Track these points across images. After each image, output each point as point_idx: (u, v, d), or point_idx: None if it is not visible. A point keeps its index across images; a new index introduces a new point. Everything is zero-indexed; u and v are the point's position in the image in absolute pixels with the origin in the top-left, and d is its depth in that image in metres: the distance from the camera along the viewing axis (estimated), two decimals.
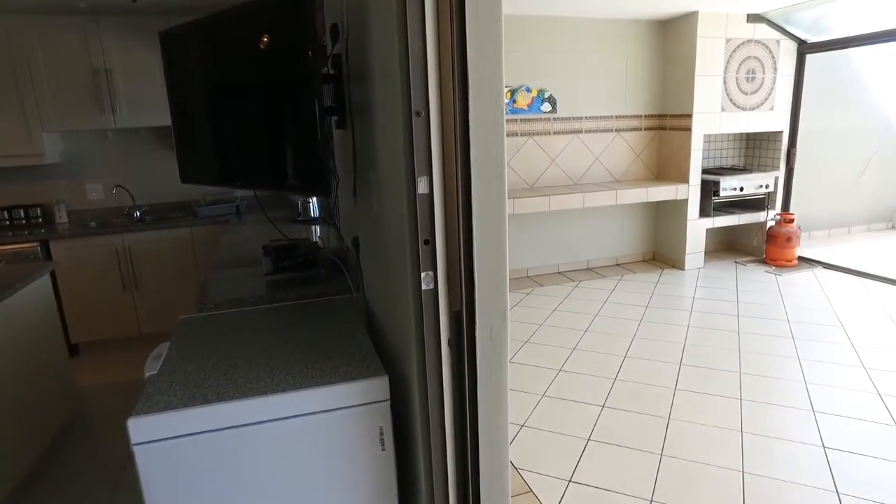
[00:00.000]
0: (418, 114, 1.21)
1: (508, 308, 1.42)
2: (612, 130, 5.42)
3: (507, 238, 1.37)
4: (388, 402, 1.50)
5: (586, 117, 5.29)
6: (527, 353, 3.75)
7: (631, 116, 5.48)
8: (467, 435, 1.44)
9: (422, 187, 1.25)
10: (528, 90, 4.99)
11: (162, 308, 4.08)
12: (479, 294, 1.35)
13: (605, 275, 5.42)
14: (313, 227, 3.68)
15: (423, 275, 1.29)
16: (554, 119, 5.17)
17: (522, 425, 2.90)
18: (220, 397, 1.37)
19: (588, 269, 5.62)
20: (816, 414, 2.93)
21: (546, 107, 5.10)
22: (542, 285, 5.15)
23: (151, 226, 4.03)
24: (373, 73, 1.52)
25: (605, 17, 5.11)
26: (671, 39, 5.31)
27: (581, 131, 5.30)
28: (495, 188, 1.31)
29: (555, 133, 5.20)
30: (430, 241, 1.27)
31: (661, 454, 2.62)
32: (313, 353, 1.62)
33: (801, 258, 5.68)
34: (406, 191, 1.27)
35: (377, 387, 1.48)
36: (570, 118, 5.22)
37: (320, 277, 2.26)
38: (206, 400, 1.35)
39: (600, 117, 5.35)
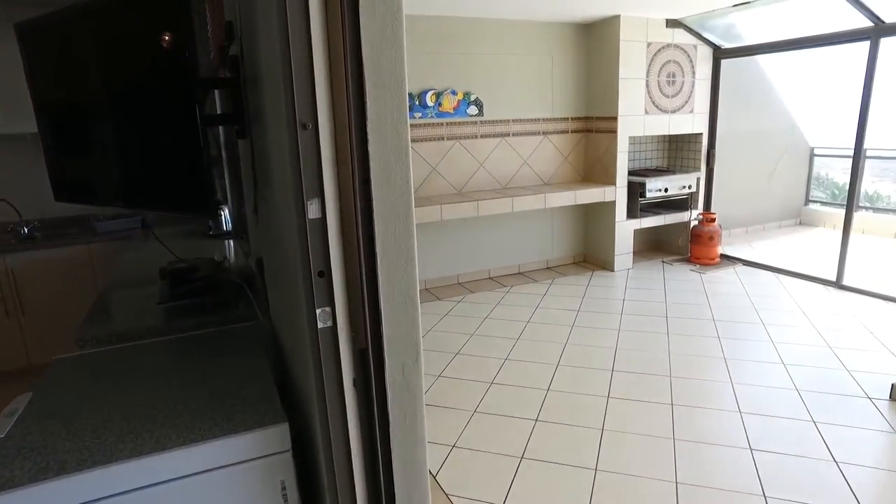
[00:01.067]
0: (305, 126, 1.04)
1: (421, 341, 1.27)
2: (539, 133, 5.39)
3: (416, 264, 1.22)
4: (290, 452, 1.32)
5: (514, 120, 5.24)
6: (457, 365, 3.63)
7: (558, 119, 5.47)
8: (381, 485, 1.28)
9: (312, 211, 1.08)
10: (454, 93, 4.88)
11: (55, 335, 3.69)
12: (386, 329, 1.20)
13: (537, 279, 5.39)
14: (227, 242, 3.42)
15: (318, 311, 1.12)
16: (481, 122, 5.08)
17: (453, 446, 2.77)
18: (81, 465, 1.14)
19: (520, 273, 5.57)
20: (743, 415, 2.95)
21: (473, 110, 5.00)
22: (473, 292, 5.05)
23: (41, 244, 3.63)
24: (262, 78, 1.33)
25: (529, 20, 5.07)
26: (595, 42, 5.33)
27: (509, 134, 5.24)
28: (401, 209, 1.16)
29: (482, 136, 5.12)
30: (326, 273, 1.11)
31: (596, 469, 2.55)
32: (204, 398, 1.41)
33: (723, 256, 5.84)
34: (295, 215, 1.10)
35: (276, 436, 1.29)
36: (497, 121, 5.15)
37: (224, 302, 2.04)
38: (61, 470, 1.13)
39: (528, 120, 5.31)
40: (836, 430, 2.81)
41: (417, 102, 4.74)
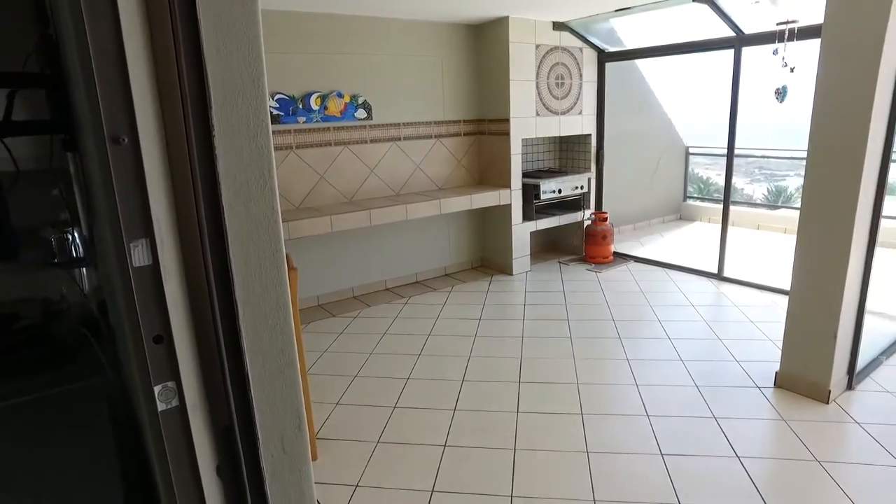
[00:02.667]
0: (118, 140, 0.75)
1: (303, 406, 1.01)
2: (432, 137, 5.22)
3: (290, 311, 0.96)
4: None
5: (405, 123, 5.02)
6: (356, 389, 3.35)
7: (450, 122, 5.33)
8: None
9: (139, 257, 0.79)
10: (340, 96, 4.59)
11: None
12: (257, 397, 0.93)
13: (436, 287, 5.21)
14: (80, 271, 2.91)
15: (157, 389, 0.83)
16: (371, 126, 4.82)
17: (356, 485, 2.50)
18: None
19: (418, 282, 5.37)
20: (651, 418, 2.93)
21: (361, 113, 4.73)
22: (369, 305, 4.78)
23: None
24: (71, 76, 1.02)
25: (418, 20, 4.88)
26: (485, 44, 5.25)
27: (400, 138, 5.02)
28: (267, 242, 0.90)
29: (372, 141, 4.86)
30: (164, 338, 0.82)
31: (512, 495, 2.39)
32: None
33: (616, 254, 5.99)
34: (115, 262, 0.80)
35: None
36: (387, 125, 4.91)
37: (59, 358, 1.65)
38: None
39: (419, 123, 5.12)
40: (735, 425, 2.85)
41: (301, 106, 4.39)
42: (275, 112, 4.27)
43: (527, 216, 5.47)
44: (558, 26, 5.32)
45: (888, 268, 3.30)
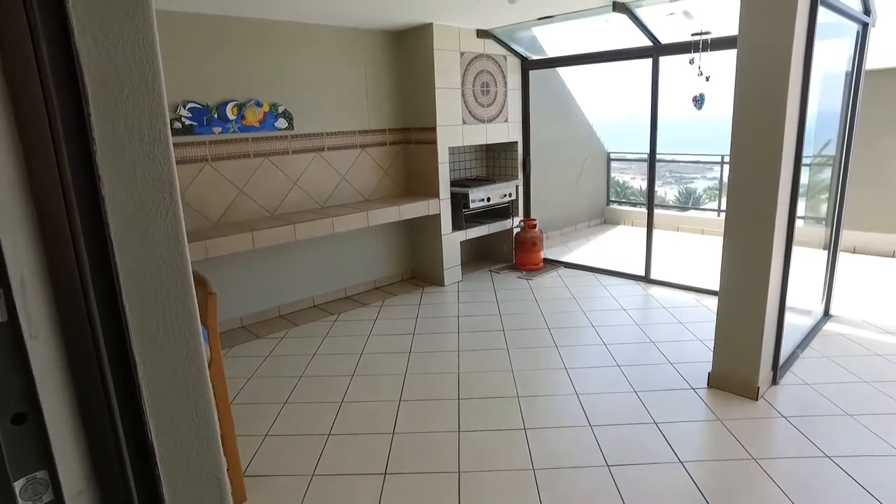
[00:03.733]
0: None
1: (224, 476, 0.84)
2: (356, 147, 5.04)
3: (204, 362, 0.78)
4: None
5: (328, 133, 4.82)
6: (287, 417, 3.12)
7: (375, 131, 5.17)
8: None
9: None
10: (259, 104, 4.32)
11: None
12: (167, 483, 0.75)
13: (366, 302, 5.02)
14: None
15: (18, 485, 0.63)
16: (292, 136, 4.58)
17: None
18: None
19: (347, 297, 5.16)
20: (594, 429, 2.88)
21: (282, 123, 4.48)
22: (297, 325, 4.53)
23: None
24: None
25: (339, 26, 4.70)
26: (409, 51, 5.13)
27: (324, 149, 4.81)
28: (171, 280, 0.72)
29: (294, 152, 4.62)
30: (29, 416, 0.63)
31: None
32: None
33: (546, 260, 6.01)
34: None
35: None
36: (310, 135, 4.69)
37: None
38: None
39: (343, 133, 4.93)
40: (675, 429, 2.85)
41: (216, 115, 4.10)
42: (187, 122, 3.96)
43: (456, 225, 5.39)
44: (482, 34, 5.29)
45: (798, 265, 3.48)
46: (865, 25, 3.89)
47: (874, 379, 3.31)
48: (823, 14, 2.92)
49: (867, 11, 3.82)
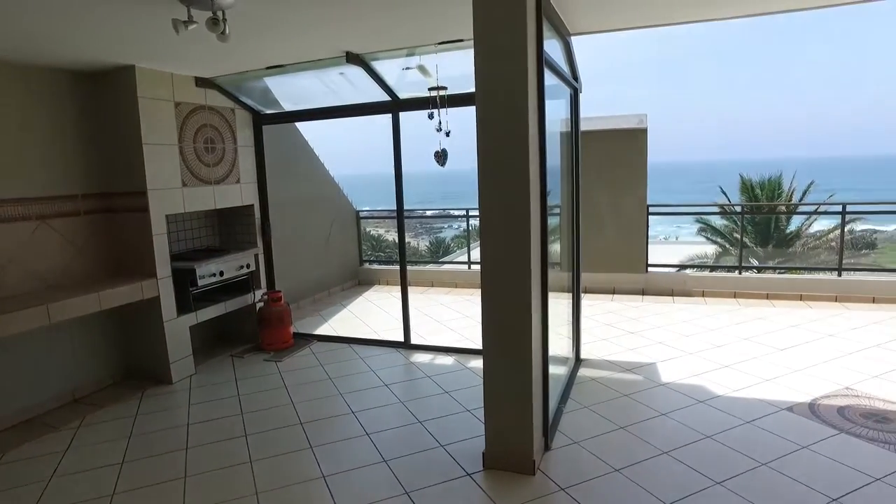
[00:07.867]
0: None
1: None
2: (32, 218, 3.82)
3: None
4: None
5: None
6: None
7: (64, 197, 4.02)
8: None
9: None
10: None
11: None
12: None
13: (56, 425, 3.75)
14: None
15: None
16: None
17: None
18: None
19: (27, 421, 3.80)
20: None
21: None
22: None
23: None
24: None
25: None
26: (107, 98, 4.15)
27: None
28: None
29: None
30: None
31: None
32: None
33: (296, 335, 5.35)
34: None
35: None
36: None
37: None
38: None
39: (10, 200, 3.70)
40: None
41: None
42: None
43: (183, 308, 4.44)
44: (202, 82, 4.56)
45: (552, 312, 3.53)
46: (576, 90, 4.21)
47: (628, 423, 3.39)
48: (548, 76, 2.96)
49: (576, 78, 4.13)
